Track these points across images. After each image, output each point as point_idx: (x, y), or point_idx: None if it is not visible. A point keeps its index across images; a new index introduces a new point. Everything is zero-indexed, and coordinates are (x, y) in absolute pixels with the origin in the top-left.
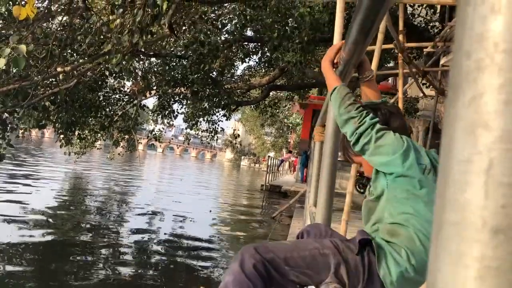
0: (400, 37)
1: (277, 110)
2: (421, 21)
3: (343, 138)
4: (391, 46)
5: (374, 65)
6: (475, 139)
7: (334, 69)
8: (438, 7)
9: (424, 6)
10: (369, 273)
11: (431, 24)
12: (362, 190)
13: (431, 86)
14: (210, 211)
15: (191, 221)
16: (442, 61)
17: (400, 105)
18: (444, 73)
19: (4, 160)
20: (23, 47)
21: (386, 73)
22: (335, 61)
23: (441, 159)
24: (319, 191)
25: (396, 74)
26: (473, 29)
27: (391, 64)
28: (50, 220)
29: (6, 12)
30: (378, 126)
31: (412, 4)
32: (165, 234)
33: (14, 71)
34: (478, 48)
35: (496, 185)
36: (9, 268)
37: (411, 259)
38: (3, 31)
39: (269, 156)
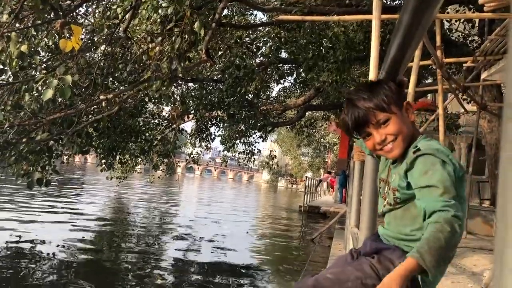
0: (438, 53)
1: (313, 130)
2: (459, 35)
3: None
4: (429, 62)
5: (412, 81)
6: None
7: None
8: (477, 21)
9: (462, 21)
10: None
11: (469, 39)
12: None
13: (472, 102)
14: (247, 232)
15: (228, 243)
16: (483, 76)
17: (441, 121)
18: (485, 87)
19: (50, 185)
20: (69, 78)
21: (425, 89)
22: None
23: (501, 175)
24: (362, 212)
25: (436, 90)
26: None
27: (429, 80)
28: (92, 242)
29: (53, 45)
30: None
31: (448, 19)
32: (203, 256)
33: (60, 100)
34: None
35: None
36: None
37: None
38: (49, 63)
39: (307, 177)
